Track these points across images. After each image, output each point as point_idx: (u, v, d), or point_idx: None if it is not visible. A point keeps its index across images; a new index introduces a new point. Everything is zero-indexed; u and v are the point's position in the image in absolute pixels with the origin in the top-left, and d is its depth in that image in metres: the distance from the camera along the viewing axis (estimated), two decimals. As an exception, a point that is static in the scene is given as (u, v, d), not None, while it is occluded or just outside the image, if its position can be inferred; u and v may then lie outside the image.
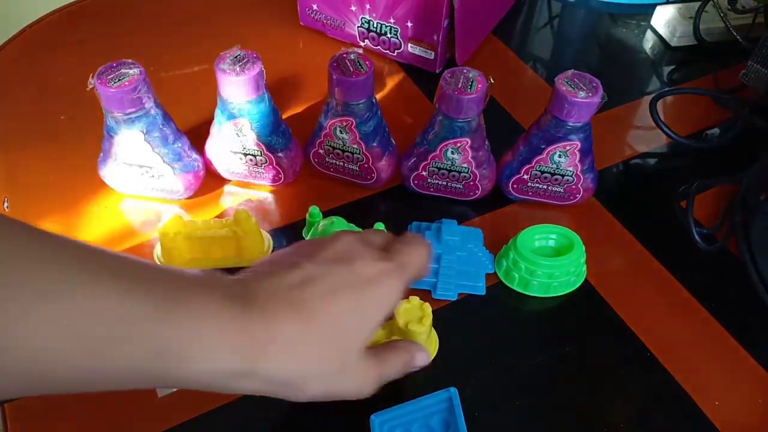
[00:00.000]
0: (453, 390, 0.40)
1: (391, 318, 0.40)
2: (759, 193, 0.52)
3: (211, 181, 0.54)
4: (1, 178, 0.54)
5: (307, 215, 0.49)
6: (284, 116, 0.52)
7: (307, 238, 0.49)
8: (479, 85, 0.46)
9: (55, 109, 0.61)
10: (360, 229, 0.46)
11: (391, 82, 0.66)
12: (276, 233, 0.51)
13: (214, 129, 0.51)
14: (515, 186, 0.53)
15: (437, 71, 0.65)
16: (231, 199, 0.54)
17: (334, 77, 0.46)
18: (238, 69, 0.46)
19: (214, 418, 0.41)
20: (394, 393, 0.41)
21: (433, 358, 0.43)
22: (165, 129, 0.48)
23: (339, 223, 0.47)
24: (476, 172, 0.51)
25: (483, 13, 0.68)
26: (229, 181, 0.55)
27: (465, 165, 0.50)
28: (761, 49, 0.59)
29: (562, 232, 0.48)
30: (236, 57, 0.46)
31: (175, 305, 0.27)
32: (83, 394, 0.41)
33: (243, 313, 0.29)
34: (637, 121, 0.64)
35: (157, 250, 0.48)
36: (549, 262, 0.46)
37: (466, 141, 0.48)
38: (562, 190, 0.52)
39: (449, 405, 0.40)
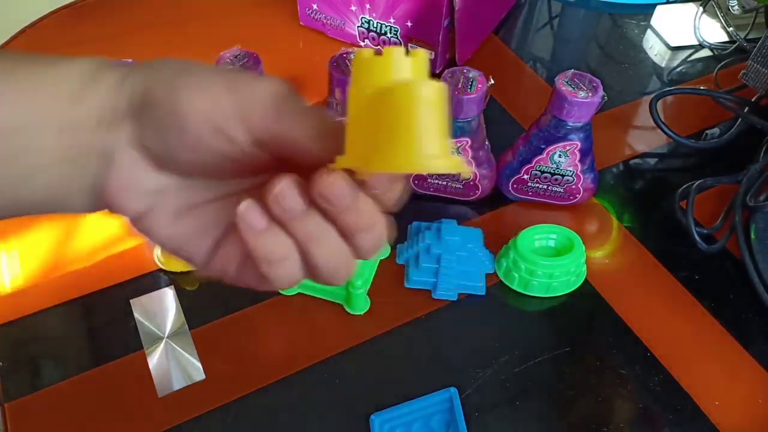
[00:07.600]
0: (453, 390, 0.40)
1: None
2: (759, 193, 0.52)
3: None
4: (1, 178, 0.54)
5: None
6: (284, 116, 0.52)
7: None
8: (479, 85, 0.46)
9: (55, 109, 0.60)
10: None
11: (391, 82, 0.65)
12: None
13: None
14: (515, 186, 0.53)
15: (437, 71, 0.65)
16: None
17: (334, 77, 0.46)
18: (238, 69, 0.46)
19: (213, 418, 0.41)
20: (394, 393, 0.41)
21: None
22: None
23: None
24: (476, 172, 0.51)
25: (483, 13, 0.68)
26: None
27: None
28: (761, 49, 0.59)
29: (562, 232, 0.48)
30: (236, 57, 0.46)
31: None
32: (82, 395, 0.41)
33: None
34: (637, 121, 0.64)
35: (158, 251, 0.48)
36: (549, 262, 0.46)
37: (466, 141, 0.48)
38: (562, 190, 0.52)
39: (449, 405, 0.40)
